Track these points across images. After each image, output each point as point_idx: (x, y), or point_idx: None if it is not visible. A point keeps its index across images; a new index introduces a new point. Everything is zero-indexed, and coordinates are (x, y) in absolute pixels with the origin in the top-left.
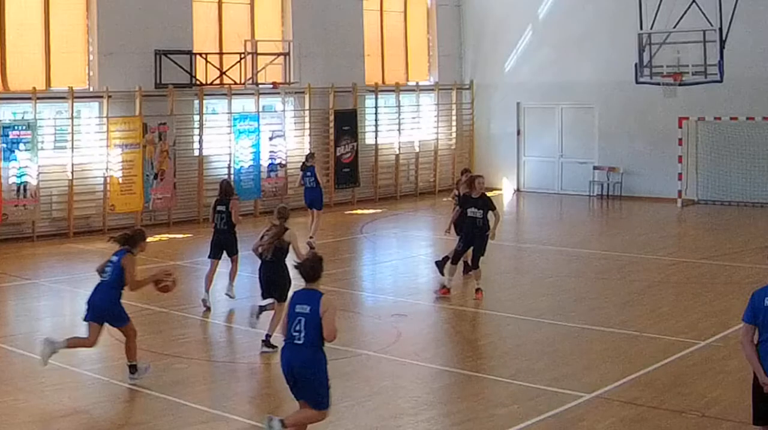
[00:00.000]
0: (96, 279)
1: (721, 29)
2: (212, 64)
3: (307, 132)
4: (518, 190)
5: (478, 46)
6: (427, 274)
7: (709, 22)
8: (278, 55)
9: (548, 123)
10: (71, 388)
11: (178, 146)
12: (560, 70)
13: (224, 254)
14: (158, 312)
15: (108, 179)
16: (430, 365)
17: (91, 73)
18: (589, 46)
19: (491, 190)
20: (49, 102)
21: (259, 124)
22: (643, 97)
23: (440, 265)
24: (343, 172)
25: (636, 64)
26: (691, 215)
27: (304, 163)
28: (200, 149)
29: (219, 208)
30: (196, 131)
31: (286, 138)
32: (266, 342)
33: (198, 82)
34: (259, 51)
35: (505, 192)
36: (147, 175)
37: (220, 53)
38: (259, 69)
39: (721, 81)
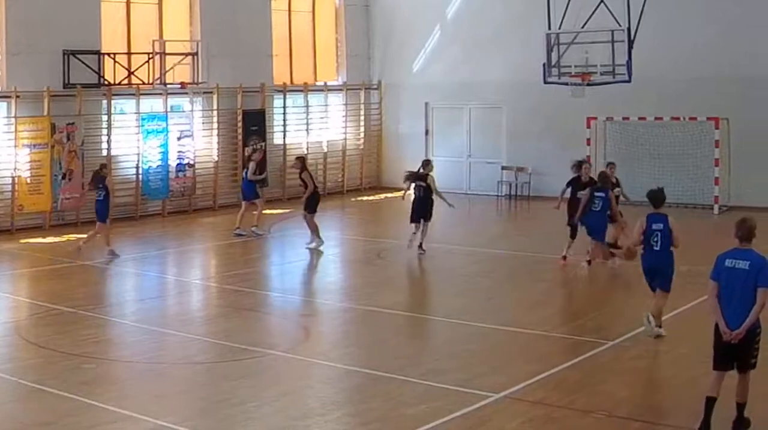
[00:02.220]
0: None
1: (629, 29)
2: (120, 64)
3: (215, 132)
4: None
5: (387, 46)
6: (336, 274)
7: (618, 23)
8: (186, 55)
9: (456, 123)
10: None
11: (87, 146)
12: (468, 70)
13: None
14: (66, 312)
15: (16, 179)
16: (339, 365)
17: None
18: (497, 46)
19: (398, 190)
20: None
21: (167, 124)
22: (551, 98)
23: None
24: None
25: (544, 65)
26: None
27: (248, 157)
28: (108, 149)
29: None
30: (105, 131)
31: (195, 138)
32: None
33: (106, 82)
34: (167, 51)
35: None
36: (55, 176)
37: (129, 53)
38: (167, 69)
39: (629, 81)
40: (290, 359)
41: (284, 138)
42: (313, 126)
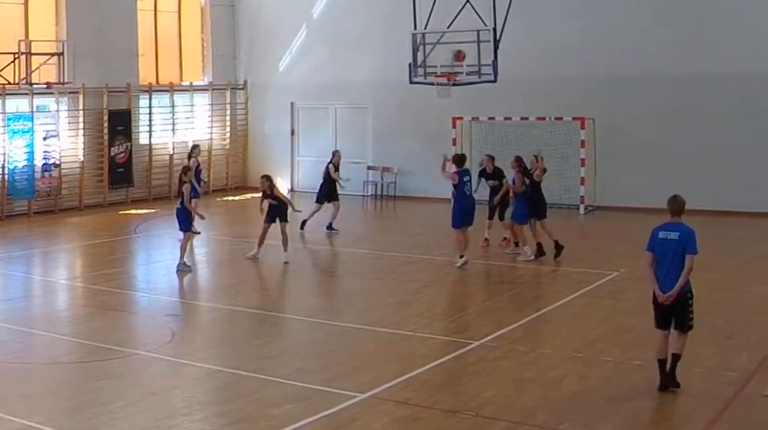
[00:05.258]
0: None
1: (495, 29)
2: None
3: (81, 132)
4: (292, 190)
5: (253, 46)
6: (201, 274)
7: (483, 23)
8: (52, 55)
9: (322, 123)
10: None
11: None
12: (334, 70)
13: None
14: None
15: None
16: (205, 365)
17: None
18: (363, 46)
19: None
20: None
21: (33, 124)
22: (417, 98)
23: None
24: (117, 172)
25: (410, 65)
26: None
27: (189, 153)
28: None
29: None
30: None
31: (61, 138)
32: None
33: None
34: (33, 51)
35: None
36: None
37: None
38: (33, 69)
39: (495, 81)
40: (156, 359)
41: (150, 138)
42: (179, 126)
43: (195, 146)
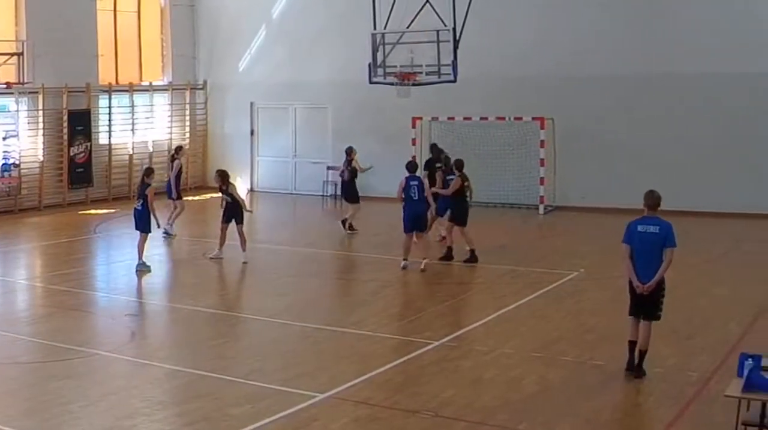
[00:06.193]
0: None
1: (454, 29)
2: None
3: (41, 132)
4: (252, 190)
5: (212, 46)
6: (161, 274)
7: (443, 23)
8: (12, 55)
9: (282, 123)
10: None
11: None
12: (294, 70)
13: None
14: None
15: None
16: (164, 365)
17: None
18: (322, 46)
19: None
20: None
21: None
22: (376, 97)
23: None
24: (77, 172)
25: (369, 64)
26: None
27: (172, 156)
28: None
29: None
30: None
31: (20, 138)
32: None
33: None
34: None
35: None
36: None
37: None
38: None
39: (454, 81)
40: (116, 360)
41: (110, 138)
42: (138, 126)
43: (179, 147)
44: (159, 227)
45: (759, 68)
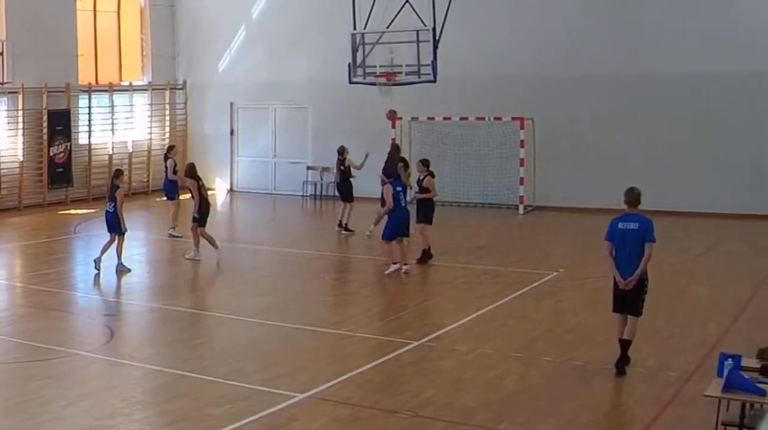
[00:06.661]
0: None
1: (434, 29)
2: None
3: (20, 132)
4: (232, 190)
5: (192, 47)
6: (141, 274)
7: (423, 22)
8: None
9: (262, 123)
10: None
11: None
12: (274, 70)
13: None
14: None
15: None
16: (144, 365)
17: None
18: (302, 46)
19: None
20: None
21: None
22: (357, 98)
23: None
24: (56, 172)
25: (349, 65)
26: None
27: (165, 154)
28: None
29: None
30: None
31: (0, 138)
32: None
33: None
34: None
35: (218, 192)
36: None
37: None
38: None
39: (434, 81)
40: (95, 360)
41: (89, 138)
42: (118, 126)
43: (171, 147)
44: (125, 230)
45: (736, 68)
